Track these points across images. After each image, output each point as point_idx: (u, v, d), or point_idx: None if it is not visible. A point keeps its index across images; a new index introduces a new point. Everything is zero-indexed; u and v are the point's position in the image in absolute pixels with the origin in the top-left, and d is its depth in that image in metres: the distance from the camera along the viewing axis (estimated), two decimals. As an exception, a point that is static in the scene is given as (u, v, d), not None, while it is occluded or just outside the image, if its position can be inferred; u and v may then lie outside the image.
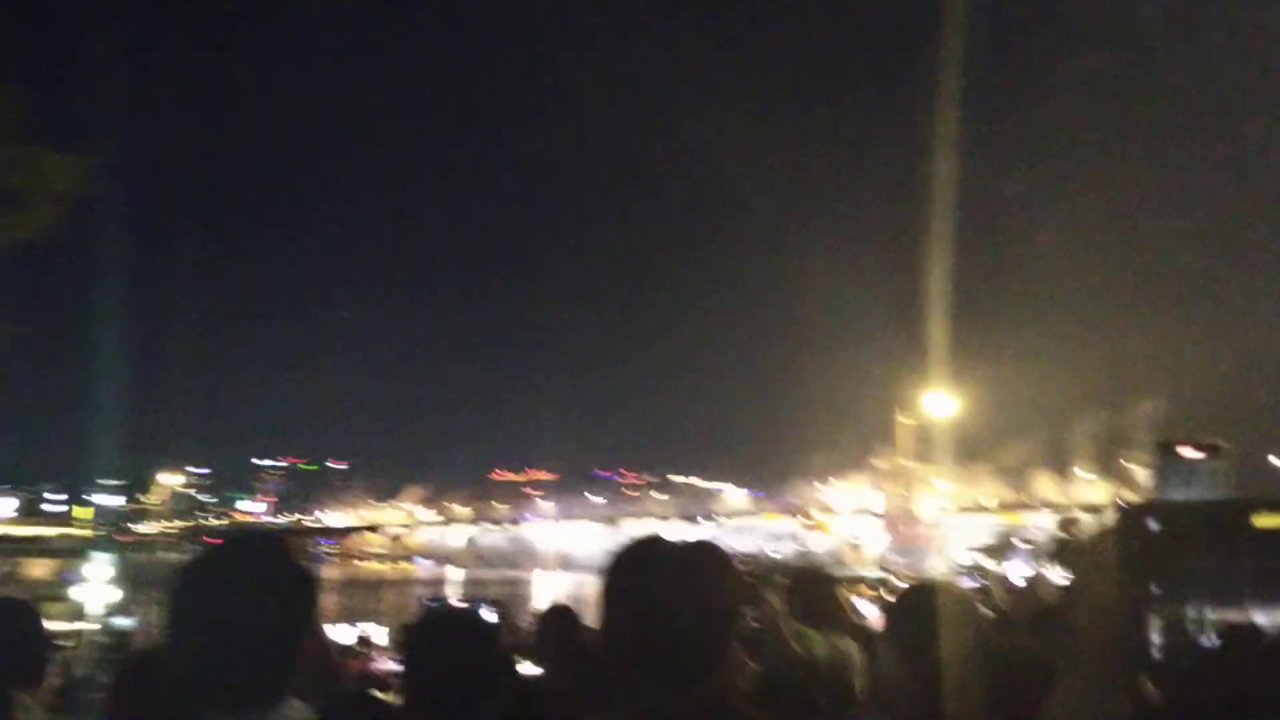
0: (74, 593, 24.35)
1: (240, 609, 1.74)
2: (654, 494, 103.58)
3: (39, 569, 53.45)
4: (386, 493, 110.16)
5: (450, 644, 2.66)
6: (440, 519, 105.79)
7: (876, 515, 69.10)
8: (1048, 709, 1.30)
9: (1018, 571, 25.52)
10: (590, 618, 5.30)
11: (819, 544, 71.95)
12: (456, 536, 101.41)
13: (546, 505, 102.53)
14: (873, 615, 7.44)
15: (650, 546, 1.95)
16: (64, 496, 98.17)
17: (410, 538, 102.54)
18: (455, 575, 77.00)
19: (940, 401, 39.38)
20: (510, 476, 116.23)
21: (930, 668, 2.25)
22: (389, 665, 10.48)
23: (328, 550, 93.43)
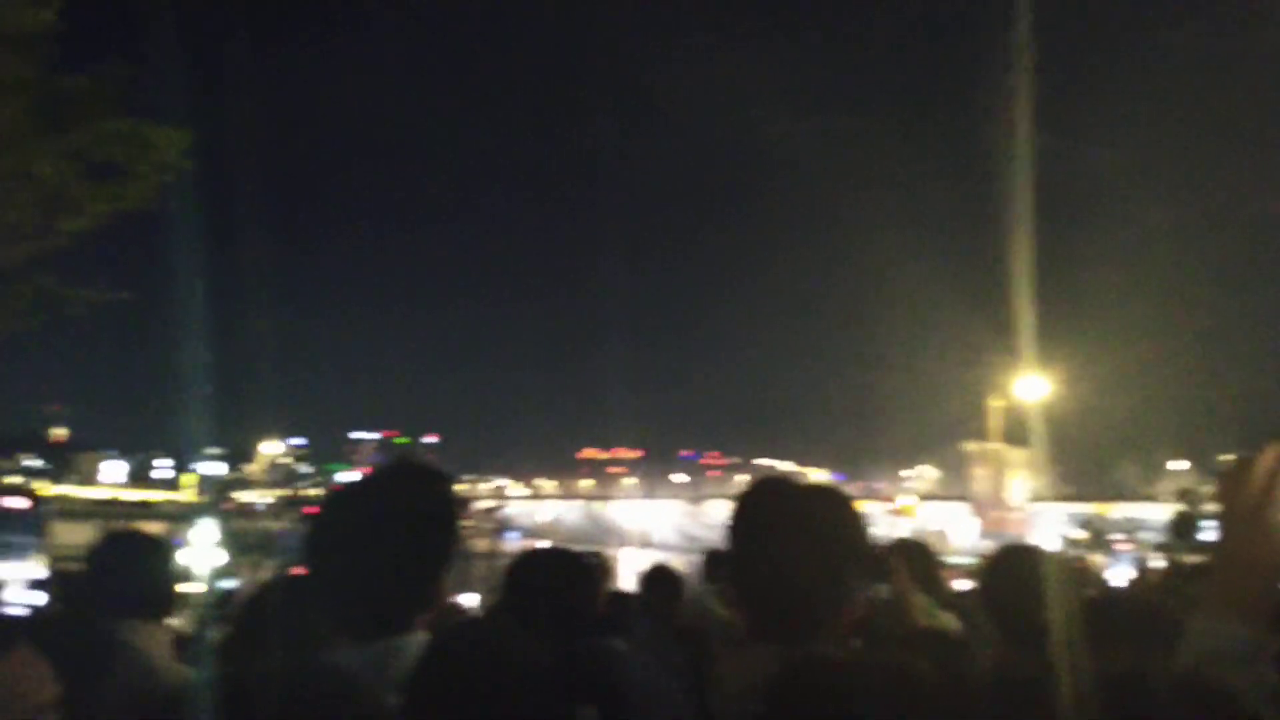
0: (180, 555, 25.45)
1: (391, 536, 1.71)
2: (736, 475, 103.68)
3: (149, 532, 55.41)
4: (476, 466, 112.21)
5: (551, 572, 2.69)
6: (528, 493, 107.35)
7: (964, 500, 68.39)
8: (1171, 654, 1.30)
9: (1122, 575, 23.60)
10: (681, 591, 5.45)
11: (904, 529, 71.42)
12: (544, 512, 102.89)
13: (631, 483, 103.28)
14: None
15: (779, 488, 1.87)
16: (171, 463, 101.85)
17: (500, 512, 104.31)
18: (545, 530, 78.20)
19: (1032, 384, 38.83)
20: (596, 454, 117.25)
21: (1029, 628, 2.03)
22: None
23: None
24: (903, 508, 76.17)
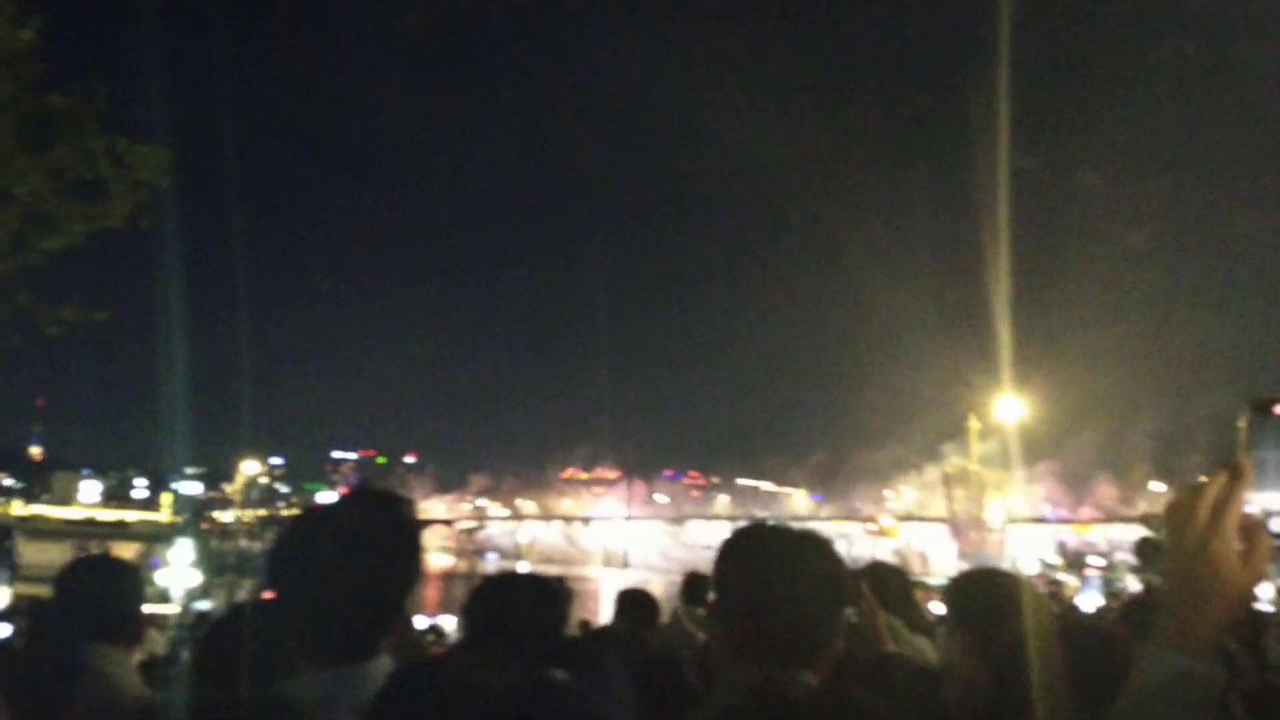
0: (157, 576, 25.22)
1: (353, 561, 1.72)
2: (719, 495, 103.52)
3: (124, 553, 55.01)
4: (455, 486, 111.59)
5: (515, 596, 2.66)
6: (508, 514, 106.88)
7: (943, 521, 68.57)
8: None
9: (1090, 602, 23.54)
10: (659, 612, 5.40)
11: (884, 549, 71.45)
12: (524, 533, 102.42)
13: (612, 503, 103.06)
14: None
15: (767, 532, 1.99)
16: (148, 482, 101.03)
17: (479, 533, 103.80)
18: (522, 570, 77.73)
19: (1010, 406, 39.00)
20: (578, 474, 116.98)
21: (1002, 651, 2.12)
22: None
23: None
24: (884, 529, 76.23)
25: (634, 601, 5.05)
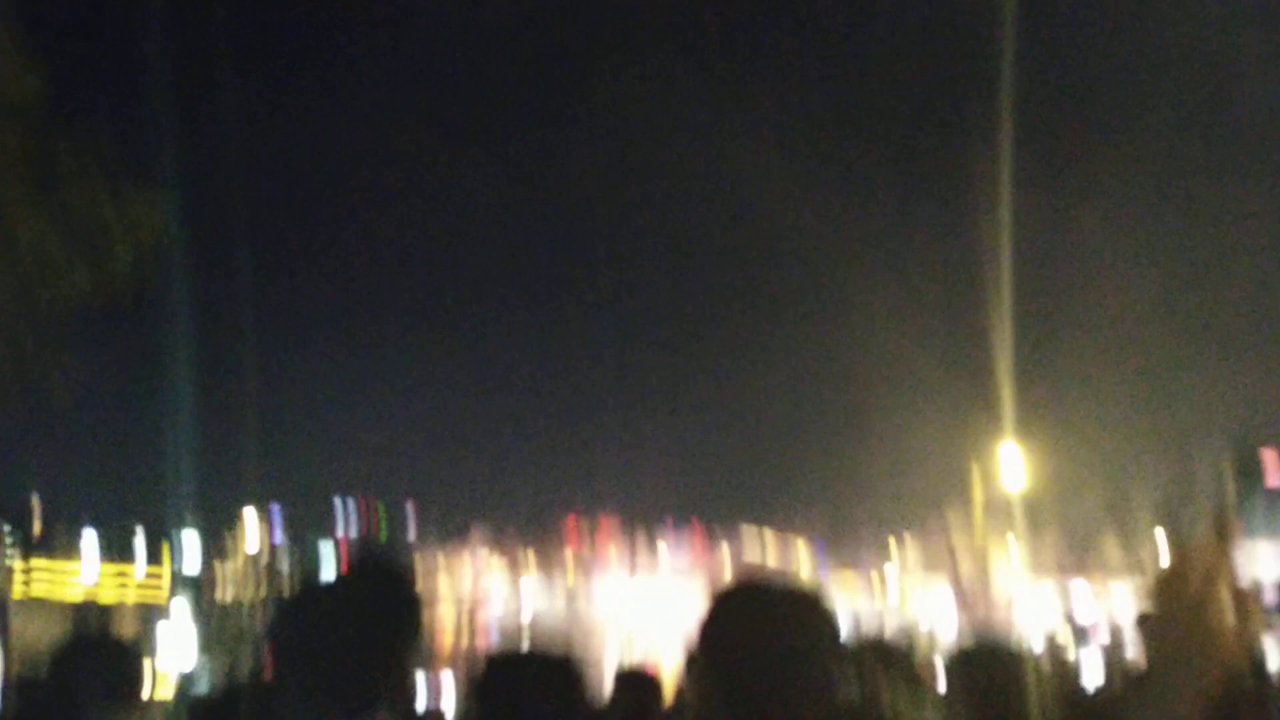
0: (156, 653, 24.94)
1: (356, 637, 1.75)
2: (721, 542, 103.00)
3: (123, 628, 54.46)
4: (455, 533, 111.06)
5: (531, 678, 2.56)
6: (507, 565, 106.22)
7: (948, 578, 68.12)
8: None
9: (1094, 666, 22.99)
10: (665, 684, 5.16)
11: (889, 615, 70.71)
12: (524, 609, 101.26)
13: (615, 555, 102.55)
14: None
15: (758, 591, 1.92)
16: (143, 534, 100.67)
17: (480, 609, 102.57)
18: (524, 623, 76.92)
19: (1014, 473, 38.84)
20: (579, 522, 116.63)
21: None
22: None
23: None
24: (890, 607, 74.73)
25: (632, 684, 4.77)
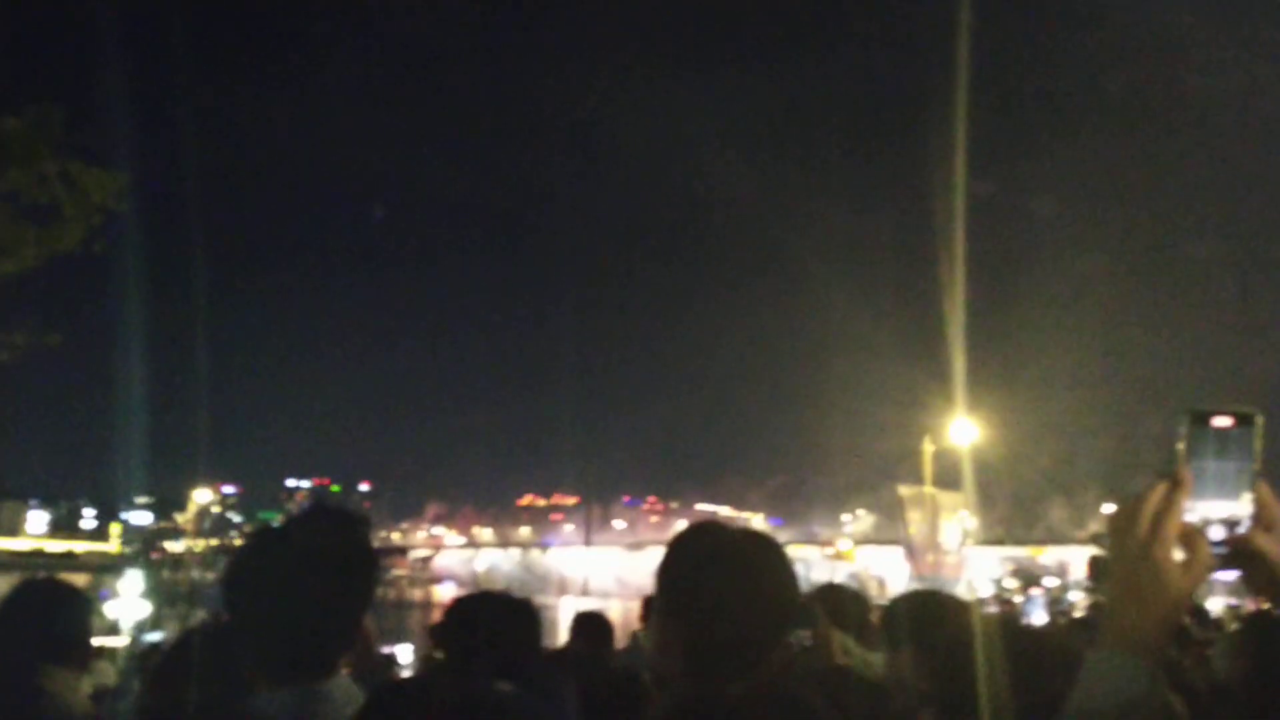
0: (106, 608, 24.72)
1: (309, 580, 1.73)
2: (675, 520, 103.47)
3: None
4: (411, 513, 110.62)
5: (491, 616, 2.60)
6: (464, 541, 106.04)
7: (898, 544, 68.76)
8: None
9: (1037, 620, 24.06)
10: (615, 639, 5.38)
11: (842, 573, 71.51)
12: (480, 561, 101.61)
13: (570, 530, 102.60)
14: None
15: (715, 533, 1.90)
16: (95, 510, 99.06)
17: (435, 562, 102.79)
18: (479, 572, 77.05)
19: (963, 428, 39.35)
20: (535, 500, 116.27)
21: (943, 663, 2.11)
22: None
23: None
24: (841, 552, 76.36)
25: (590, 624, 5.03)
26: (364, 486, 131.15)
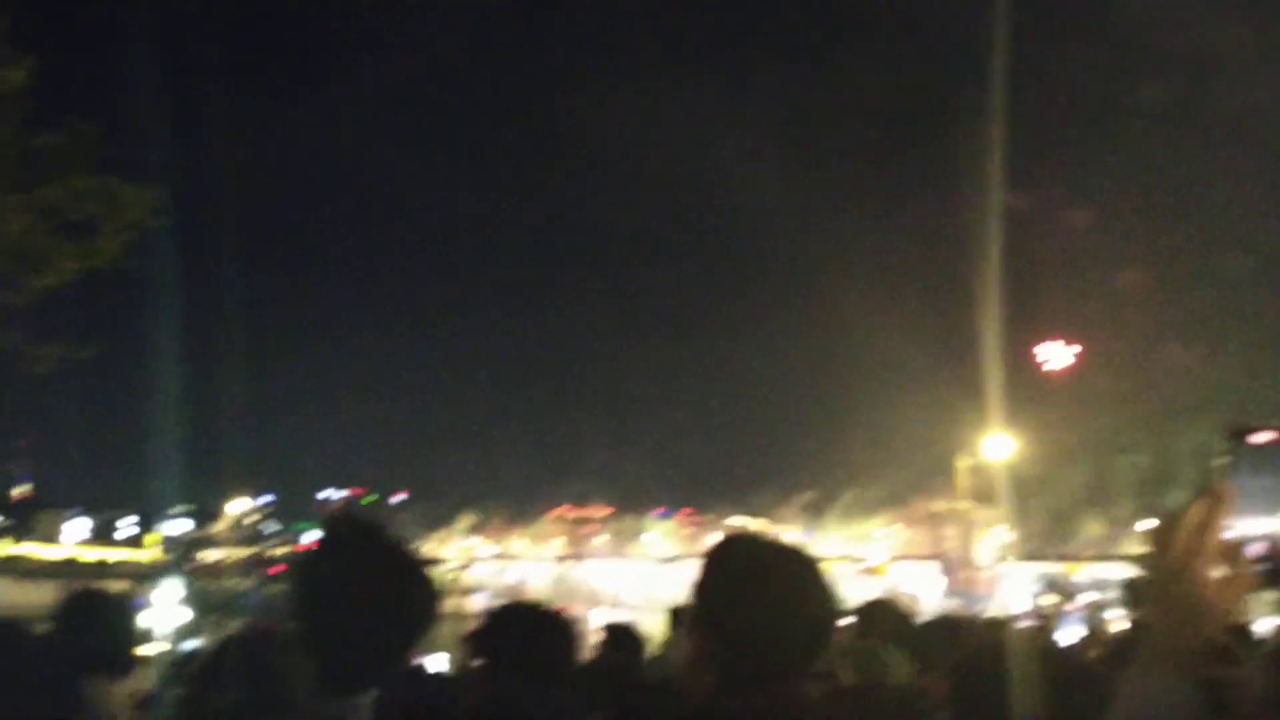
0: (143, 616, 24.94)
1: (379, 592, 1.77)
2: (709, 533, 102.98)
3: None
4: (443, 523, 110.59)
5: (528, 626, 2.64)
6: (497, 551, 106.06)
7: (932, 559, 68.31)
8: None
9: (1071, 636, 23.51)
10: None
11: (876, 588, 70.96)
12: (512, 573, 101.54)
13: (602, 541, 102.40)
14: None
15: (752, 546, 1.90)
16: (135, 519, 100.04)
17: (468, 575, 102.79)
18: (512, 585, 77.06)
19: (998, 443, 39.02)
20: (569, 511, 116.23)
21: (962, 681, 2.08)
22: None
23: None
24: (874, 567, 75.79)
25: (622, 634, 5.02)
26: (400, 497, 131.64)
